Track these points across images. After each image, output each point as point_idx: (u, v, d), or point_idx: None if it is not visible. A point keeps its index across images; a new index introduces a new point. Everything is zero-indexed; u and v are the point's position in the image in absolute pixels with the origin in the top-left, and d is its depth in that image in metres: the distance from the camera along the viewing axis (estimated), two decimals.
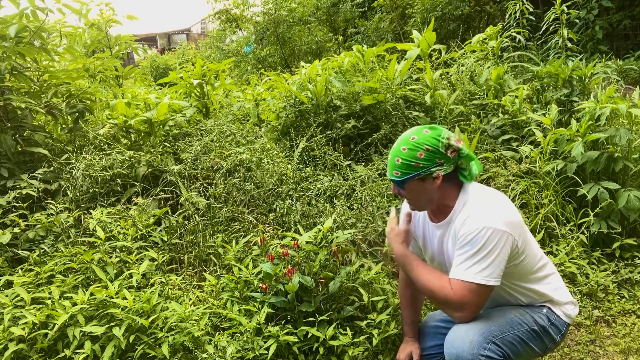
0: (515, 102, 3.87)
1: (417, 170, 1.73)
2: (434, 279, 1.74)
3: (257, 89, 5.50)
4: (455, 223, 1.78)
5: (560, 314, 1.86)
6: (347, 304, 2.37)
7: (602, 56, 7.44)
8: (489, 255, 1.64)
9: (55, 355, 2.08)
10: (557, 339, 1.86)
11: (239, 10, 12.98)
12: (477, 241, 1.65)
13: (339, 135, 3.88)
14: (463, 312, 1.69)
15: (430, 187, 1.77)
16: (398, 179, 1.77)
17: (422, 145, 1.72)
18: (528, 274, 1.82)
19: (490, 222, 1.66)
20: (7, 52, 3.44)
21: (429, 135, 1.74)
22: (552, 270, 1.92)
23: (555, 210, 3.21)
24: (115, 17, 5.45)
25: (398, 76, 4.16)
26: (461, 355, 1.69)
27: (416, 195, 1.80)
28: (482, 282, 1.64)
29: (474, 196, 1.79)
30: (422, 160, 1.72)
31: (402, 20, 12.41)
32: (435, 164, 1.74)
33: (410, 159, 1.73)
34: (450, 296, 1.68)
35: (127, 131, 4.02)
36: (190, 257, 2.91)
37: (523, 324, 1.80)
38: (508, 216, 1.70)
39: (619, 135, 3.14)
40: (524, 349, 1.80)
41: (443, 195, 1.80)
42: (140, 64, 16.78)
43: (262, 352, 2.04)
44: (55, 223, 2.87)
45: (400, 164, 1.74)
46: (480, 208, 1.73)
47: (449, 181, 1.79)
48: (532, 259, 1.80)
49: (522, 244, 1.73)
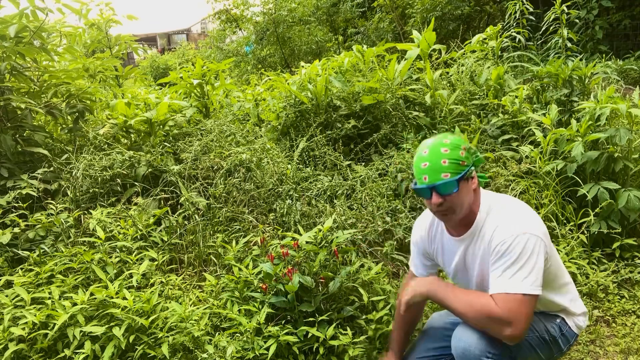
0: (515, 102, 3.87)
1: (465, 168, 1.68)
2: (474, 299, 1.64)
3: (257, 89, 5.50)
4: (483, 233, 1.72)
5: (572, 325, 1.84)
6: (347, 304, 2.37)
7: (602, 56, 7.44)
8: (528, 262, 1.58)
9: (55, 355, 2.08)
10: (564, 349, 1.85)
11: (239, 10, 12.99)
12: (515, 250, 1.59)
13: (339, 135, 3.88)
14: (514, 328, 1.56)
15: (470, 190, 1.72)
16: (450, 181, 1.65)
17: (459, 144, 1.70)
18: (549, 283, 1.76)
19: (524, 229, 1.61)
20: (7, 52, 3.44)
21: (455, 138, 1.72)
22: (570, 279, 1.89)
23: (555, 210, 3.21)
24: (115, 17, 5.45)
25: (398, 76, 4.15)
26: (468, 349, 1.67)
27: (462, 199, 1.70)
28: (528, 291, 1.57)
29: (496, 203, 1.75)
30: (465, 158, 1.69)
31: (402, 20, 12.41)
32: (472, 164, 1.72)
33: (456, 158, 1.66)
34: (497, 313, 1.56)
35: (127, 131, 4.02)
36: (190, 257, 2.91)
37: (534, 331, 1.78)
38: (538, 222, 1.68)
39: (619, 135, 3.13)
40: (531, 354, 1.79)
41: (473, 199, 1.74)
42: (140, 64, 16.79)
43: (262, 352, 2.04)
44: (55, 223, 2.87)
45: (449, 164, 1.66)
46: (509, 216, 1.68)
47: (476, 182, 1.76)
48: (554, 267, 1.77)
49: (550, 251, 1.71)
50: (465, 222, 1.77)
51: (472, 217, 1.75)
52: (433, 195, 1.69)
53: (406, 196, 3.20)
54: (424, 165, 1.68)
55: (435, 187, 1.67)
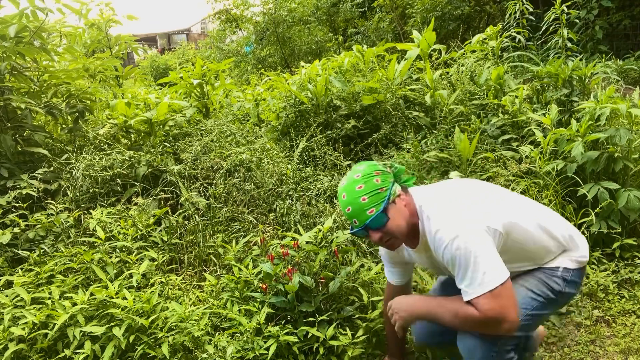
0: (515, 102, 3.86)
1: (386, 194, 1.69)
2: (458, 308, 1.64)
3: (257, 89, 5.51)
4: (430, 243, 1.71)
5: (574, 266, 1.79)
6: (347, 304, 2.37)
7: (602, 56, 7.44)
8: (478, 260, 1.57)
9: (55, 355, 2.08)
10: (575, 292, 1.82)
11: (239, 10, 12.99)
12: (461, 257, 1.59)
13: (339, 135, 3.88)
14: (505, 322, 1.57)
15: (401, 209, 1.72)
16: (377, 215, 1.67)
17: (371, 172, 1.71)
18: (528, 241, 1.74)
19: (457, 231, 1.60)
20: (7, 52, 3.44)
21: (366, 167, 1.73)
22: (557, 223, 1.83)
23: (555, 210, 3.21)
24: (115, 17, 5.45)
25: (398, 76, 4.16)
26: (474, 350, 1.69)
27: (399, 223, 1.71)
28: (494, 285, 1.56)
29: (428, 206, 1.72)
30: (382, 184, 1.70)
31: (402, 20, 12.41)
32: (391, 183, 1.72)
33: (373, 189, 1.68)
34: (481, 317, 1.57)
35: (127, 131, 4.02)
36: (190, 257, 2.91)
37: (538, 297, 1.75)
38: (464, 214, 1.65)
39: (619, 135, 3.13)
40: (545, 316, 1.77)
41: (409, 213, 1.74)
42: (140, 64, 16.79)
43: (262, 352, 2.04)
44: (55, 223, 2.87)
45: (369, 199, 1.67)
46: (441, 219, 1.66)
47: (405, 195, 1.76)
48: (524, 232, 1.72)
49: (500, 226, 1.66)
50: (412, 235, 1.77)
51: (416, 228, 1.76)
52: (370, 234, 1.71)
53: None
54: (348, 210, 1.70)
55: (367, 226, 1.68)
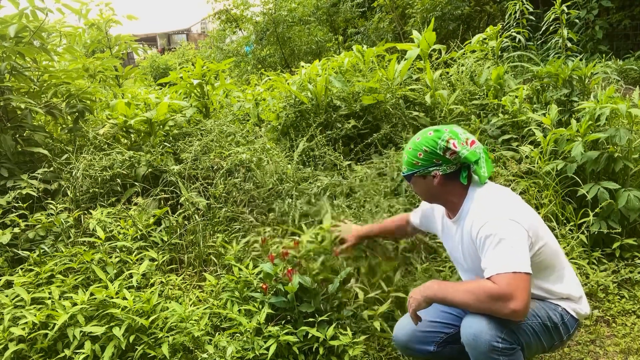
0: (515, 102, 3.86)
1: (417, 168, 1.91)
2: (472, 285, 1.72)
3: (257, 89, 5.50)
4: (465, 222, 1.87)
5: (573, 314, 1.89)
6: (347, 304, 2.37)
7: (602, 56, 7.44)
8: (509, 244, 1.67)
9: (55, 355, 2.08)
10: (564, 337, 1.89)
11: (239, 10, 12.98)
12: (495, 237, 1.69)
13: (339, 135, 3.88)
14: (516, 301, 1.60)
15: (431, 185, 1.92)
16: (404, 174, 1.98)
17: (421, 147, 1.88)
18: (547, 273, 1.85)
19: (496, 215, 1.74)
20: (7, 52, 3.44)
21: (430, 138, 1.87)
22: (569, 269, 1.95)
23: (555, 210, 3.21)
24: (115, 17, 5.44)
25: (398, 76, 4.15)
26: (479, 335, 1.69)
27: (420, 191, 1.99)
28: (518, 269, 1.63)
29: (480, 197, 1.86)
30: (420, 160, 1.89)
31: (402, 20, 12.40)
32: (432, 164, 1.88)
33: (412, 158, 1.91)
34: (496, 289, 1.63)
35: (127, 131, 4.01)
36: (190, 257, 2.91)
37: (537, 317, 1.83)
38: (512, 209, 1.77)
39: (619, 135, 3.13)
40: (535, 341, 1.82)
41: (447, 192, 1.92)
42: (140, 64, 16.78)
43: (262, 352, 2.04)
44: (55, 223, 2.87)
45: (405, 161, 1.93)
46: (484, 207, 1.81)
47: (452, 180, 1.90)
48: (549, 257, 1.84)
49: (536, 241, 1.77)
50: (452, 207, 1.96)
51: (457, 206, 1.93)
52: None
53: (405, 195, 3.20)
54: (404, 157, 1.97)
55: (404, 176, 2.00)
